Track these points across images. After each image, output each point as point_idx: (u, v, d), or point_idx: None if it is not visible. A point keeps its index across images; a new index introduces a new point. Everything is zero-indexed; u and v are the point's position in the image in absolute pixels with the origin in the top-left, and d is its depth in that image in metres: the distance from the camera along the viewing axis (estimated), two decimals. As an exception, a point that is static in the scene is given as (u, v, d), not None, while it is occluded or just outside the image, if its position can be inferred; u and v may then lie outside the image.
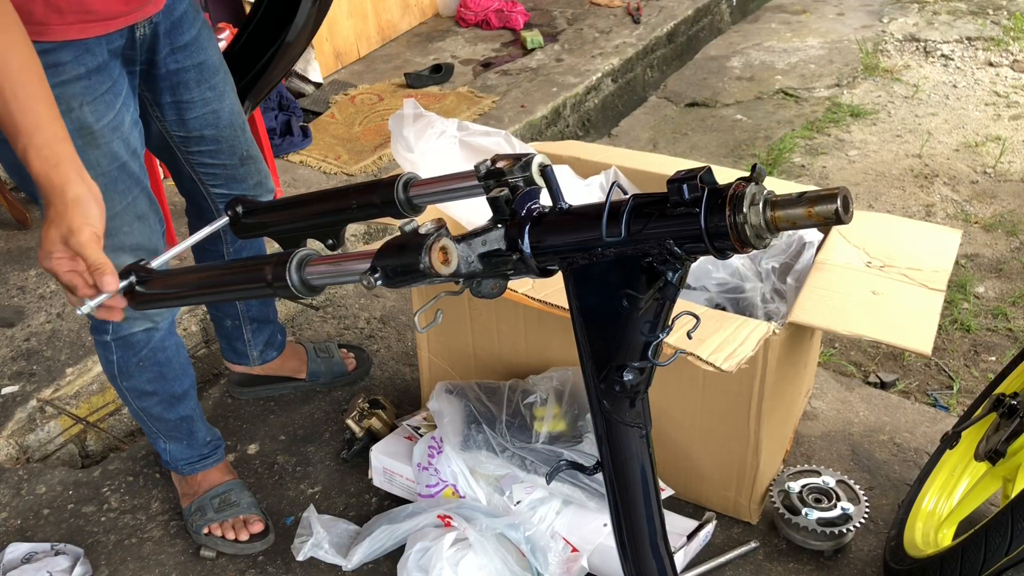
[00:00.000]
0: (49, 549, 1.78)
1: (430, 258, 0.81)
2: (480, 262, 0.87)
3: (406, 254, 0.83)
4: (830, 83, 3.94)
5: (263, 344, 2.08)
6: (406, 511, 1.72)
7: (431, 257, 0.81)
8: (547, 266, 0.87)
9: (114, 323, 1.56)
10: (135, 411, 1.74)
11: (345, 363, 2.22)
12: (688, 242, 0.76)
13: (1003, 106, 3.63)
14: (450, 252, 0.83)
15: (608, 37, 3.96)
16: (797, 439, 1.98)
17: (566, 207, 0.87)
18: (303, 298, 0.93)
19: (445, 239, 0.83)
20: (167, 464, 1.85)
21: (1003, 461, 1.57)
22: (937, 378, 2.28)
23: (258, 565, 1.77)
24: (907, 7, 4.63)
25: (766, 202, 0.73)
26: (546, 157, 0.92)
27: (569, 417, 1.71)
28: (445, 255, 0.83)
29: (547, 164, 0.91)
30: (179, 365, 1.71)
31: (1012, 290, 2.59)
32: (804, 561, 1.71)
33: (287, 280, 0.90)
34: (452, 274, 0.84)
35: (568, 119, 3.50)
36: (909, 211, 2.98)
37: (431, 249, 0.81)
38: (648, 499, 0.96)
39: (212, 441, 1.85)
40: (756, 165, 0.75)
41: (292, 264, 0.91)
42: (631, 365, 0.86)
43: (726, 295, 1.88)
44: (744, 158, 3.41)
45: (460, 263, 0.85)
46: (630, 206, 0.79)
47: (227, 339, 2.06)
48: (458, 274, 0.85)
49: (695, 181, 0.74)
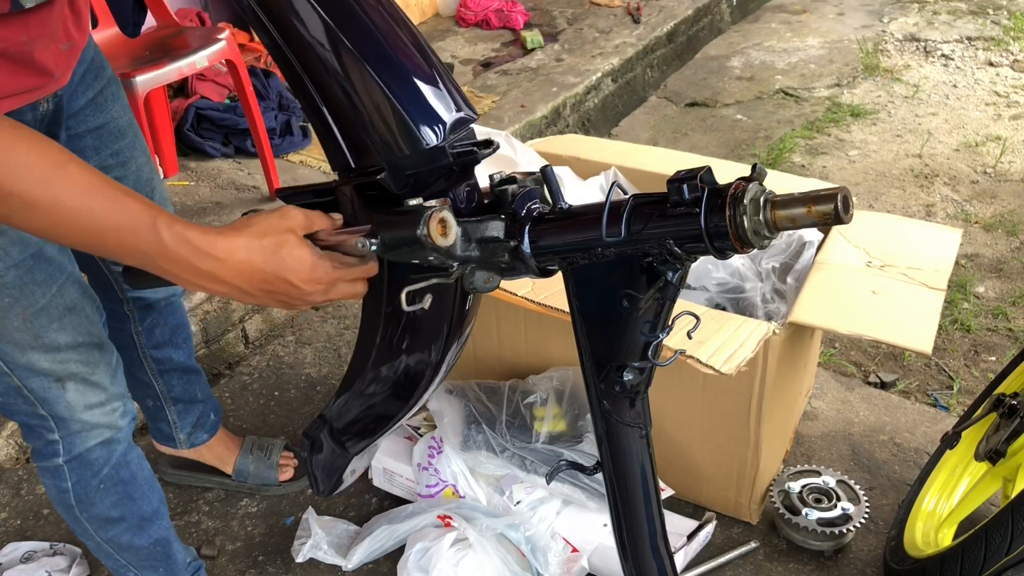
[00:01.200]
0: (48, 549, 1.78)
1: (428, 228, 0.81)
2: (478, 248, 0.87)
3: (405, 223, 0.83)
4: (830, 83, 3.94)
5: (191, 426, 1.83)
6: (406, 511, 1.72)
7: (430, 227, 0.81)
8: (547, 266, 0.87)
9: (66, 441, 1.33)
10: (98, 546, 1.47)
11: (281, 469, 1.94)
12: (688, 242, 0.76)
13: (1003, 106, 3.63)
14: (449, 224, 0.83)
15: (608, 37, 3.96)
16: (797, 439, 1.98)
17: (566, 207, 0.87)
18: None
19: (445, 211, 0.83)
20: None
21: (1003, 461, 1.57)
22: (937, 378, 2.28)
23: (258, 565, 1.77)
24: (907, 7, 4.63)
25: (766, 202, 0.73)
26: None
27: (569, 417, 1.70)
28: (444, 227, 0.82)
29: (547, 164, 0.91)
30: (144, 480, 1.46)
31: (1012, 290, 2.58)
32: (804, 561, 1.71)
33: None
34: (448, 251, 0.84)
35: (568, 119, 3.50)
36: (909, 211, 2.98)
37: (430, 219, 0.81)
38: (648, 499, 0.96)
39: (192, 563, 1.61)
40: (756, 164, 0.75)
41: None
42: (631, 365, 0.86)
43: (726, 295, 1.88)
44: (744, 158, 3.40)
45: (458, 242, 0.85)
46: (630, 206, 0.79)
47: (152, 420, 1.83)
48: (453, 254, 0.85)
49: (695, 181, 0.74)
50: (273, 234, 0.87)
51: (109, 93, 1.35)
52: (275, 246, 0.86)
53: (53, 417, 1.30)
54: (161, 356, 1.70)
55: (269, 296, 0.89)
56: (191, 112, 2.90)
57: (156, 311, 1.65)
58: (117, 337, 1.58)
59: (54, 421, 1.30)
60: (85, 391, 1.30)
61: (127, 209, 0.85)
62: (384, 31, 0.90)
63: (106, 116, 1.34)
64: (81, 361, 1.27)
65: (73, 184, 0.84)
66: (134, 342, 1.66)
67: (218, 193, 2.71)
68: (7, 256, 1.14)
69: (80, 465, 1.36)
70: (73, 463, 1.36)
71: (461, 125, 0.90)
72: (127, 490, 1.43)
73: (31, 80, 1.12)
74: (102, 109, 1.33)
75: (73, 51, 1.21)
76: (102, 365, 1.31)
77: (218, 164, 2.90)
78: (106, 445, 1.37)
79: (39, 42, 1.10)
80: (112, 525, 1.44)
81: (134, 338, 1.66)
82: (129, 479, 1.42)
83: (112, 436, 1.37)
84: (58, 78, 1.18)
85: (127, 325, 1.63)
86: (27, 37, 1.07)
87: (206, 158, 2.92)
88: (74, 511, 1.41)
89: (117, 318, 1.59)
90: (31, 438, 1.35)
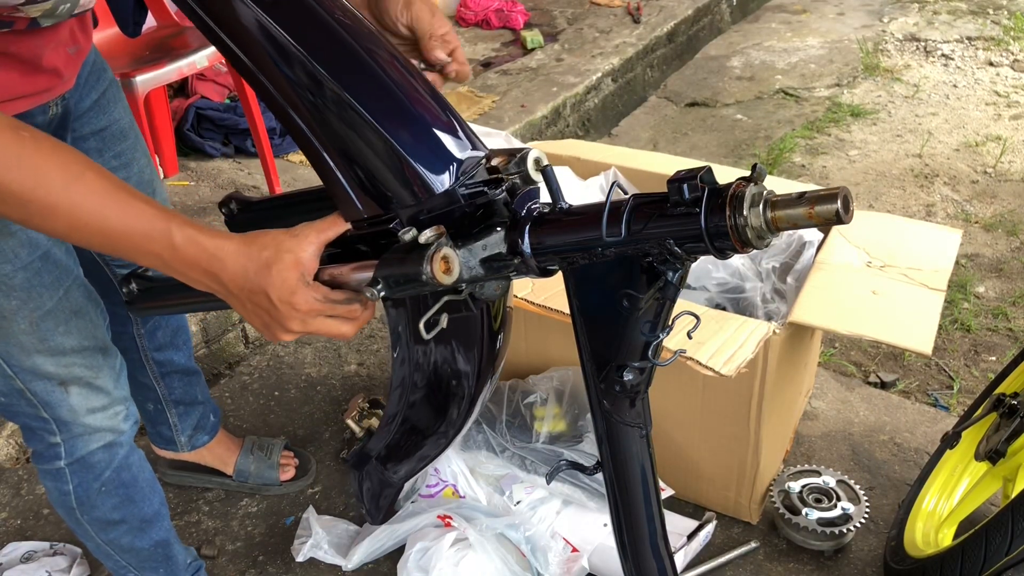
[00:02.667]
0: (48, 549, 1.78)
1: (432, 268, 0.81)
2: (481, 267, 0.87)
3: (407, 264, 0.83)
4: (830, 83, 3.94)
5: (192, 428, 1.83)
6: (406, 511, 1.72)
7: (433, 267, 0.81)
8: (547, 266, 0.87)
9: (68, 444, 1.33)
10: (98, 547, 1.47)
11: (282, 469, 1.94)
12: (688, 242, 0.76)
13: (1003, 106, 3.63)
14: (451, 261, 0.83)
15: (608, 37, 3.96)
16: (797, 439, 1.98)
17: (566, 207, 0.87)
18: None
19: (446, 248, 0.83)
20: None
21: (1003, 461, 1.57)
22: (937, 378, 2.28)
23: (258, 565, 1.77)
24: (907, 7, 4.63)
25: (766, 202, 0.73)
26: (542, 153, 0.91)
27: (569, 417, 1.70)
28: (447, 264, 0.83)
29: (546, 163, 0.91)
30: (146, 482, 1.46)
31: (1012, 290, 2.58)
32: (804, 561, 1.71)
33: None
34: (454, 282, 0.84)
35: (568, 119, 3.50)
36: (909, 211, 2.98)
37: (432, 259, 0.81)
38: (648, 499, 0.96)
39: (192, 563, 1.61)
40: (756, 165, 0.74)
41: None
42: (631, 365, 0.86)
43: (726, 295, 1.88)
44: (744, 158, 3.40)
45: (462, 270, 0.85)
46: (630, 206, 0.79)
47: (152, 424, 1.82)
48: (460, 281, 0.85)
49: (695, 181, 0.74)
50: (273, 249, 0.88)
51: (111, 95, 1.36)
52: (269, 261, 0.87)
53: (56, 420, 1.30)
54: (162, 358, 1.70)
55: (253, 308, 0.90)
56: (191, 112, 2.90)
57: None
58: (119, 340, 1.58)
59: (56, 424, 1.30)
60: (88, 395, 1.29)
61: (142, 214, 0.88)
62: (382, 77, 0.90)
63: (109, 118, 1.35)
64: (85, 365, 1.27)
65: (91, 190, 0.86)
66: (136, 345, 1.66)
67: (218, 193, 2.72)
68: (16, 258, 1.15)
69: (82, 468, 1.36)
70: (75, 466, 1.36)
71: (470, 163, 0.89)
72: (128, 493, 1.43)
73: (42, 82, 1.14)
74: (105, 111, 1.34)
75: (79, 54, 1.22)
76: (106, 369, 1.31)
77: (218, 164, 2.91)
78: (108, 448, 1.37)
79: (49, 46, 1.12)
80: (113, 527, 1.44)
81: (136, 341, 1.66)
82: (131, 482, 1.42)
83: (114, 439, 1.37)
84: (66, 80, 1.19)
85: (129, 328, 1.63)
86: (40, 43, 1.10)
87: (206, 158, 2.92)
88: (75, 513, 1.41)
89: (119, 320, 1.58)
90: (32, 441, 1.35)
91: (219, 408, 1.90)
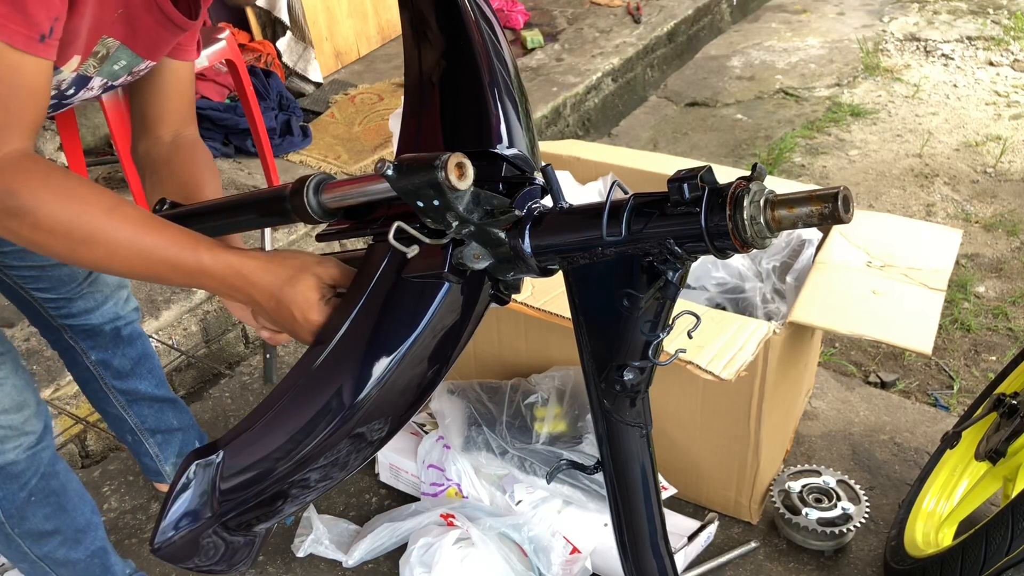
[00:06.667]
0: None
1: (447, 173, 0.79)
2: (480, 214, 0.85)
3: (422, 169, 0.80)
4: (830, 83, 3.94)
5: (175, 456, 1.80)
6: (409, 510, 1.72)
7: (447, 171, 0.79)
8: (547, 265, 0.87)
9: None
10: (32, 565, 1.41)
11: None
12: (689, 241, 0.76)
13: (1003, 105, 3.63)
14: (466, 168, 0.80)
15: (608, 37, 3.96)
16: (797, 439, 1.98)
17: (567, 206, 0.87)
18: (321, 222, 0.97)
19: (461, 156, 0.80)
20: None
21: (1003, 461, 1.57)
22: (937, 378, 2.28)
23: (258, 564, 1.77)
24: (907, 6, 4.63)
25: (767, 201, 0.73)
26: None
27: (570, 417, 1.70)
28: (461, 171, 0.79)
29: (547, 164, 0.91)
30: (75, 491, 1.42)
31: (1012, 290, 2.58)
32: (804, 561, 1.71)
33: (305, 204, 0.95)
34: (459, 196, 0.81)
35: (568, 119, 3.50)
36: (909, 211, 2.98)
37: (447, 164, 0.79)
38: (648, 499, 0.96)
39: (132, 574, 1.59)
40: (756, 164, 0.74)
41: (309, 189, 0.95)
42: (631, 364, 0.86)
43: (726, 295, 1.88)
44: (744, 158, 3.40)
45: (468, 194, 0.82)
46: (631, 205, 0.79)
47: (136, 456, 1.80)
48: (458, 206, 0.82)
49: (696, 180, 0.74)
50: (296, 269, 0.95)
51: None
52: (292, 279, 0.94)
53: None
54: (126, 387, 1.68)
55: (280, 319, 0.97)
56: (191, 112, 2.90)
57: (104, 339, 1.62)
58: (75, 371, 1.64)
59: None
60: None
61: (174, 239, 0.96)
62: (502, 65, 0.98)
63: None
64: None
65: (127, 220, 0.95)
66: (93, 375, 1.65)
67: (218, 193, 2.71)
68: None
69: (6, 479, 1.32)
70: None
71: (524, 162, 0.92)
72: (59, 501, 1.39)
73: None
74: None
75: None
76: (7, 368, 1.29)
77: (218, 164, 2.90)
78: (30, 454, 1.33)
79: None
80: (47, 539, 1.40)
81: (92, 370, 1.65)
82: (60, 489, 1.39)
83: (32, 444, 1.33)
84: None
85: (78, 357, 1.63)
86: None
87: (206, 158, 2.92)
88: (4, 528, 1.36)
89: (63, 349, 1.60)
90: None
91: (205, 434, 1.87)
